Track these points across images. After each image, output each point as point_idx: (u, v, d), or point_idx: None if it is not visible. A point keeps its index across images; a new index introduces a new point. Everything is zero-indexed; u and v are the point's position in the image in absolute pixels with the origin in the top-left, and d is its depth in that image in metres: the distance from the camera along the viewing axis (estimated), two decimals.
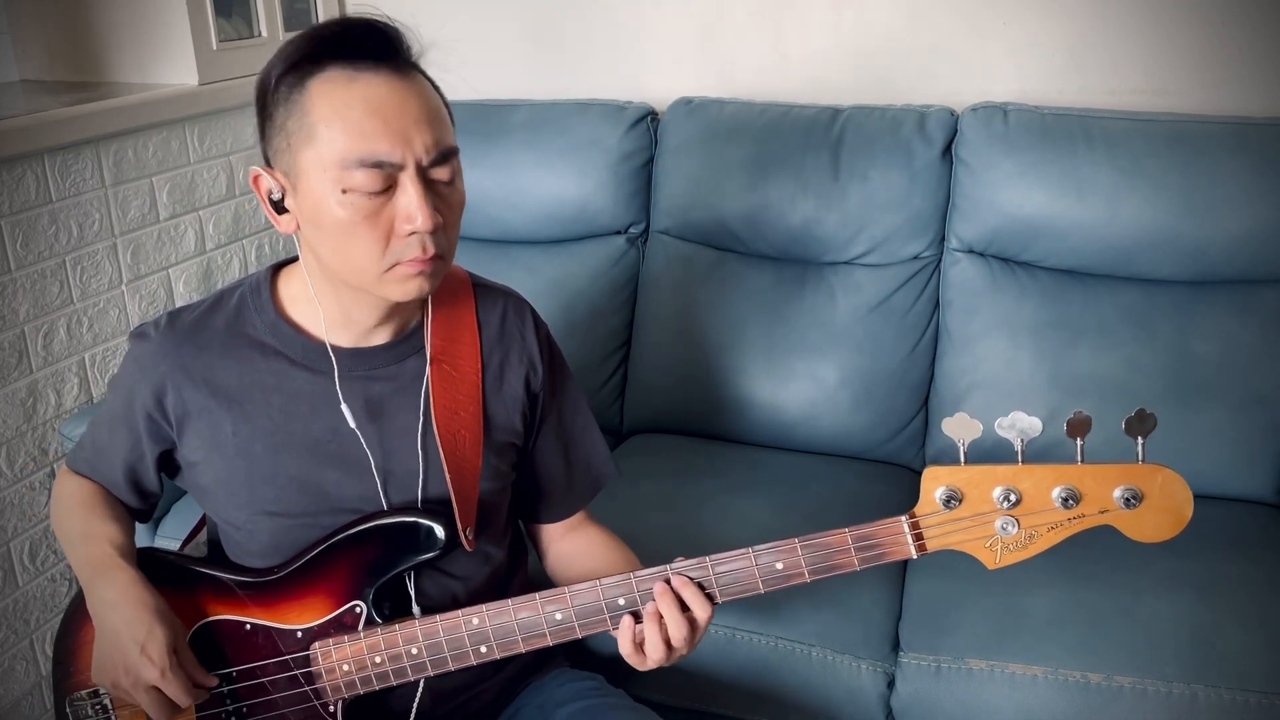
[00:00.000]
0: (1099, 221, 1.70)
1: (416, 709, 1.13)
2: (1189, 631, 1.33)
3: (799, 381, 1.81)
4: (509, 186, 1.97)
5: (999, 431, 0.92)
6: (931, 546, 0.97)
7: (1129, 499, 0.92)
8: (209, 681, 1.06)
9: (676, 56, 2.10)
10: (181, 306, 1.14)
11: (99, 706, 1.13)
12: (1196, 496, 0.93)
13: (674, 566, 1.03)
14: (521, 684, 1.23)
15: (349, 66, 0.97)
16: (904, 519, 0.98)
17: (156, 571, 1.10)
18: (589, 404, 1.28)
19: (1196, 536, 1.46)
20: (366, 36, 0.98)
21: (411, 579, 1.10)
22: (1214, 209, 1.65)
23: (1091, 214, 1.70)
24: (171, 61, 1.89)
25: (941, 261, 1.82)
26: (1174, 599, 1.38)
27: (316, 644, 1.08)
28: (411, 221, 0.97)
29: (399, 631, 1.07)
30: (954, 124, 1.81)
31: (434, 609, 1.09)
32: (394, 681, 1.08)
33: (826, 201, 1.82)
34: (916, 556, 0.98)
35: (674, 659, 1.05)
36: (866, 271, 1.83)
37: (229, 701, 1.10)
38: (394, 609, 1.10)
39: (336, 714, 1.09)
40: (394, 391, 1.11)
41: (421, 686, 1.12)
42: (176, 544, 1.31)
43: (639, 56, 2.13)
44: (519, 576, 1.25)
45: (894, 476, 1.76)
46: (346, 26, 0.98)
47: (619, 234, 1.99)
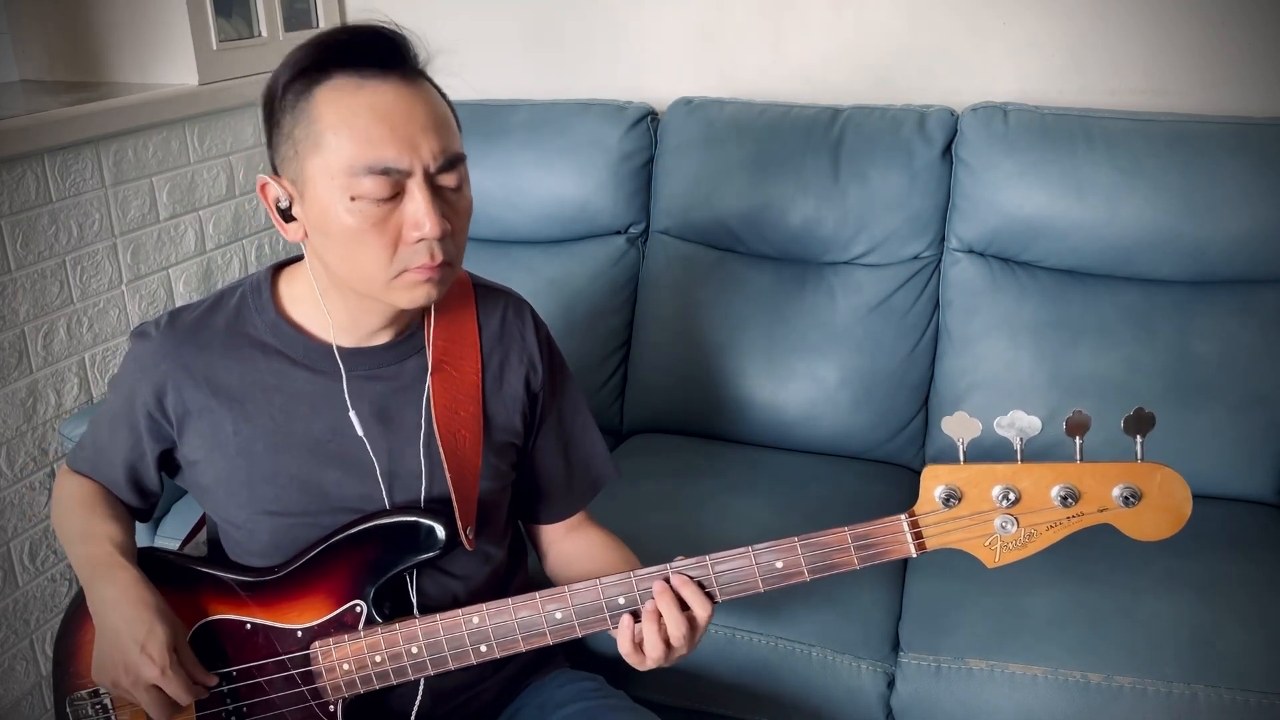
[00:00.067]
0: (1099, 221, 1.70)
1: (417, 709, 1.13)
2: (1189, 631, 1.33)
3: (799, 381, 1.80)
4: (509, 186, 1.97)
5: (998, 430, 0.92)
6: (931, 545, 0.97)
7: (1128, 497, 0.92)
8: (209, 680, 1.07)
9: (676, 56, 2.10)
10: (182, 306, 1.14)
11: (99, 706, 1.13)
12: (1196, 497, 0.93)
13: (674, 565, 1.03)
14: (522, 684, 1.23)
15: (356, 74, 0.97)
16: (903, 518, 0.98)
17: (157, 571, 1.10)
18: (589, 404, 1.28)
19: (1196, 536, 1.47)
20: (373, 44, 0.98)
21: (412, 579, 1.10)
22: (1214, 209, 1.65)
23: (1091, 214, 1.70)
24: (171, 61, 1.89)
25: (941, 261, 1.82)
26: (1174, 599, 1.38)
27: (317, 643, 1.08)
28: (419, 228, 0.97)
29: (399, 631, 1.07)
30: (954, 124, 1.81)
31: (434, 608, 1.09)
32: (394, 681, 1.08)
33: (826, 201, 1.82)
34: (916, 555, 0.98)
35: (673, 659, 1.05)
36: (866, 271, 1.83)
37: (229, 701, 1.10)
38: (394, 608, 1.10)
39: (336, 713, 1.10)
40: (395, 391, 1.11)
41: (422, 686, 1.12)
42: (176, 544, 1.31)
43: (639, 56, 2.13)
44: (519, 576, 1.25)
45: (894, 476, 1.76)
46: (354, 34, 0.98)
47: (619, 234, 1.99)
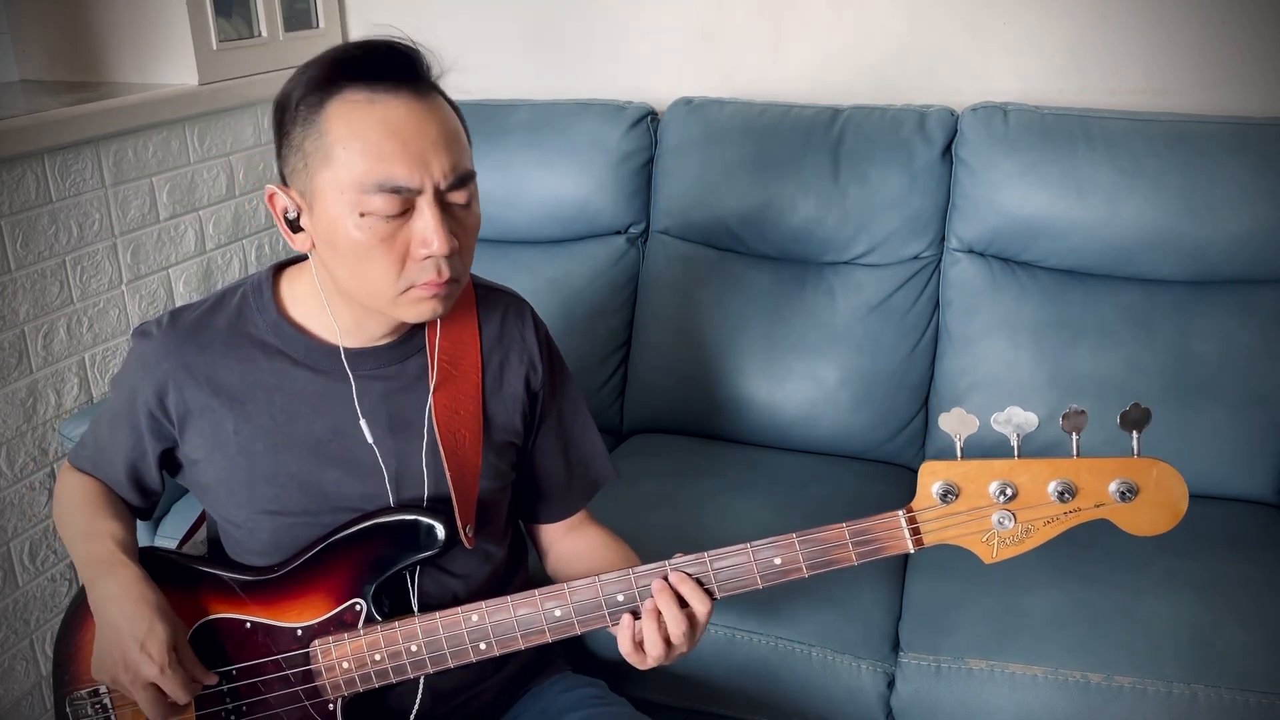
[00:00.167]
0: (1099, 221, 1.70)
1: (417, 709, 1.13)
2: (1189, 631, 1.33)
3: (799, 381, 1.80)
4: (509, 186, 1.97)
5: (994, 426, 0.93)
6: (929, 541, 0.97)
7: (1124, 492, 0.92)
8: (208, 679, 1.07)
9: (676, 56, 2.10)
10: (183, 306, 1.15)
11: (99, 706, 1.13)
12: (1196, 497, 0.94)
13: (673, 563, 1.03)
14: (522, 685, 1.23)
15: (368, 88, 0.97)
16: (901, 513, 0.98)
17: (157, 570, 1.10)
18: (589, 404, 1.28)
19: (1196, 536, 1.48)
20: (386, 58, 0.98)
21: (413, 577, 1.10)
22: (1214, 209, 1.65)
23: (1091, 214, 1.70)
24: (171, 61, 1.89)
25: (941, 261, 1.82)
26: (1174, 599, 1.38)
27: (316, 642, 1.08)
28: (428, 246, 0.97)
29: (399, 629, 1.07)
30: (954, 124, 1.81)
31: (434, 607, 1.09)
32: (394, 679, 1.08)
33: (826, 201, 1.82)
34: (914, 551, 0.98)
35: (674, 657, 1.05)
36: (866, 271, 1.83)
37: (229, 699, 1.10)
38: (394, 607, 1.10)
39: (336, 712, 1.10)
40: (397, 390, 1.11)
41: (421, 686, 1.12)
42: (175, 544, 1.31)
43: (639, 56, 2.13)
44: (519, 576, 1.25)
45: (894, 476, 1.76)
46: (367, 48, 0.98)
47: (619, 234, 1.99)
